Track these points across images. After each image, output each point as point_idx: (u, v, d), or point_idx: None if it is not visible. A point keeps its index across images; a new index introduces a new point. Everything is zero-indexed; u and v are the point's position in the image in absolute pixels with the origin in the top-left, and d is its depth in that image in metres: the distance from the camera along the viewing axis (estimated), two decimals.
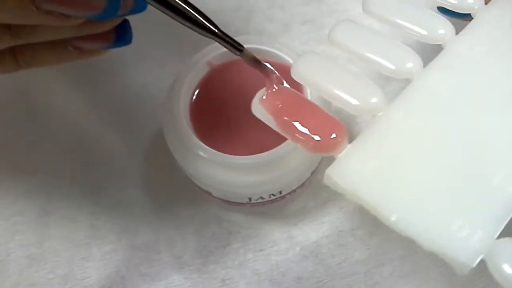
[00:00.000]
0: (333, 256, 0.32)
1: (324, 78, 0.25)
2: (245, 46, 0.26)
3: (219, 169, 0.30)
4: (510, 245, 0.21)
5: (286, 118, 0.24)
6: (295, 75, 0.26)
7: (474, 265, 0.20)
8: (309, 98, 0.30)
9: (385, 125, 0.24)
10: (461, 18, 0.28)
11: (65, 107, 0.37)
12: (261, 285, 0.32)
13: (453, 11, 0.27)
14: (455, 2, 0.27)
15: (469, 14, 0.27)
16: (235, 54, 0.26)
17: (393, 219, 0.21)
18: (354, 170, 0.22)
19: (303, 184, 0.33)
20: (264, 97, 0.26)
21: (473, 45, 0.26)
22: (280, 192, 0.32)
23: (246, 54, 0.26)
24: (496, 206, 0.22)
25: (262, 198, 0.32)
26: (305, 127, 0.24)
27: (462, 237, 0.21)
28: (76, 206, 0.34)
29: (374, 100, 0.24)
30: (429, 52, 0.26)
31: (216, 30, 0.24)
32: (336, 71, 0.25)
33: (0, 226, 0.34)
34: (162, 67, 0.38)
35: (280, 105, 0.25)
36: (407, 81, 0.25)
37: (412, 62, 0.25)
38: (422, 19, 0.27)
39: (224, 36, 0.25)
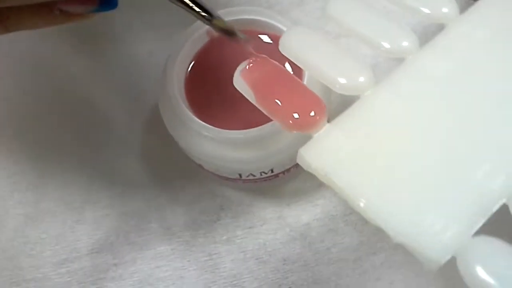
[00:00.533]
0: (322, 240, 0.31)
1: (311, 53, 0.24)
2: (234, 17, 0.26)
3: (209, 143, 0.30)
4: (487, 244, 0.19)
5: (264, 92, 0.23)
6: (282, 49, 0.25)
7: (443, 262, 0.19)
8: (305, 81, 0.29)
9: (369, 106, 0.22)
10: None
11: (68, 71, 0.37)
12: (246, 263, 0.31)
13: None
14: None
15: None
16: (206, 24, 0.25)
17: (361, 204, 0.20)
18: (328, 150, 0.21)
19: (297, 164, 0.32)
20: (246, 69, 0.25)
21: (475, 27, 0.24)
22: (272, 171, 0.31)
23: (215, 24, 0.24)
24: (476, 202, 0.20)
25: (253, 175, 0.31)
26: (284, 103, 0.23)
27: (433, 232, 0.20)
28: (73, 169, 0.35)
29: (361, 79, 0.23)
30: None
31: None
32: (324, 46, 0.24)
33: (1, 184, 0.35)
34: (168, 35, 0.37)
35: (260, 78, 0.24)
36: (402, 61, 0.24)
37: (408, 41, 0.24)
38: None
39: (189, 3, 0.24)
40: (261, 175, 0.31)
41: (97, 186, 0.34)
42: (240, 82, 0.25)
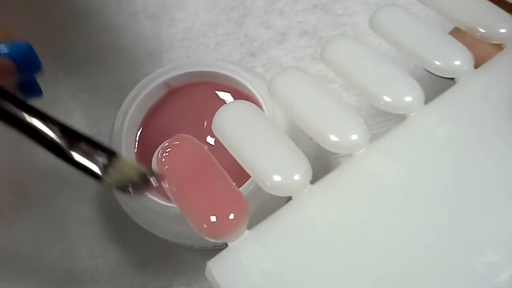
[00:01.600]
0: None
1: (300, 100, 0.21)
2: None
3: (157, 216, 0.27)
4: None
5: (179, 183, 0.20)
6: (271, 93, 0.22)
7: None
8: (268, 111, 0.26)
9: (298, 209, 0.19)
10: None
11: None
12: None
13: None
14: (440, 63, 0.21)
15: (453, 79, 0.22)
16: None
17: None
18: (240, 268, 0.18)
19: None
20: (160, 156, 0.21)
21: (490, 85, 0.20)
22: (227, 244, 0.28)
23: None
24: None
25: (205, 247, 0.28)
26: (201, 200, 0.19)
27: None
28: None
29: (354, 137, 0.20)
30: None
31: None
32: (315, 94, 0.21)
33: None
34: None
35: (176, 166, 0.21)
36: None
37: (412, 95, 0.20)
38: (437, 44, 0.22)
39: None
40: (214, 247, 0.28)
41: (47, 231, 0.32)
42: (156, 169, 0.21)
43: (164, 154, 0.21)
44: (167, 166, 0.20)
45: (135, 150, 0.29)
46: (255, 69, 0.34)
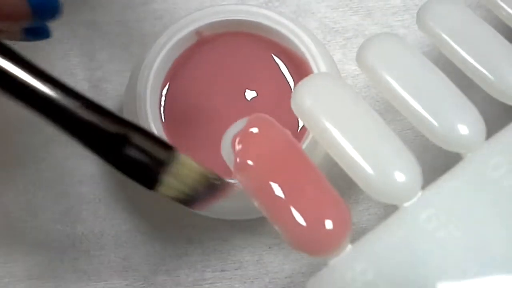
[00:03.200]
0: None
1: (338, 126, 0.18)
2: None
3: None
4: None
5: (261, 185, 0.17)
6: (294, 106, 0.18)
7: None
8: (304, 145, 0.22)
9: (409, 223, 0.17)
10: None
11: None
12: None
13: None
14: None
15: None
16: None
17: None
18: None
19: None
20: (239, 140, 0.18)
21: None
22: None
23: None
24: None
25: (224, 218, 0.26)
26: (293, 206, 0.17)
27: None
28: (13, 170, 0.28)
29: (402, 179, 0.17)
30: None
31: None
32: (359, 119, 0.18)
33: None
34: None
35: (260, 158, 0.18)
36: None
37: (472, 129, 0.18)
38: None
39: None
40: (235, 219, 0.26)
41: (42, 194, 0.28)
42: (230, 155, 0.18)
43: (243, 144, 0.17)
44: (249, 161, 0.17)
45: (162, 109, 0.25)
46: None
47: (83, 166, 0.28)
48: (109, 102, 0.29)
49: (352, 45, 0.30)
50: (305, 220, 0.16)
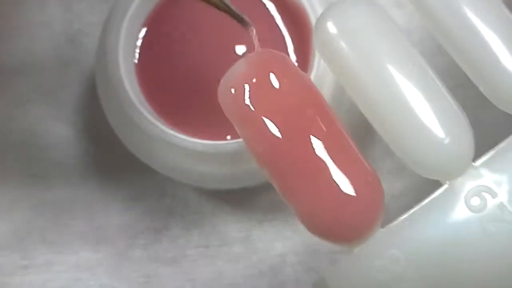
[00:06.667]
0: (297, 281, 0.24)
1: (374, 69, 0.15)
2: None
3: (164, 149, 0.21)
4: None
5: (274, 147, 0.14)
6: (317, 40, 0.15)
7: None
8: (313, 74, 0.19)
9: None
10: None
11: None
12: None
13: None
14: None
15: None
16: None
17: None
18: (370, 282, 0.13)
19: None
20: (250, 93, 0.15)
21: None
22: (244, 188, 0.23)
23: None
24: None
25: (217, 190, 0.23)
26: (314, 178, 0.14)
27: None
28: None
29: (451, 147, 0.14)
30: None
31: None
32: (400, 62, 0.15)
33: None
34: None
35: (274, 110, 0.14)
36: None
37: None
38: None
39: None
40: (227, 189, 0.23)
41: (9, 158, 0.25)
42: (229, 104, 0.15)
43: (256, 93, 0.14)
44: (263, 115, 0.14)
45: (135, 60, 0.22)
46: None
47: (56, 129, 0.26)
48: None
49: None
50: (333, 195, 0.13)
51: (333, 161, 0.13)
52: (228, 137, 0.22)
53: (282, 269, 0.24)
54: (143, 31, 0.23)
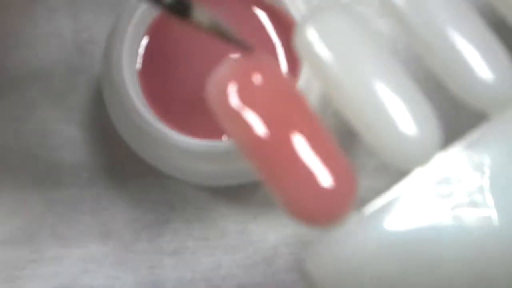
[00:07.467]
0: (289, 270, 0.26)
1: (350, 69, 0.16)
2: None
3: (166, 150, 0.23)
4: None
5: (259, 139, 0.16)
6: (298, 44, 0.17)
7: None
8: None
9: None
10: None
11: None
12: (194, 285, 0.26)
13: None
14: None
15: None
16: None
17: None
18: (347, 264, 0.14)
19: None
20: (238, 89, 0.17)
21: None
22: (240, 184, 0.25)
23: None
24: None
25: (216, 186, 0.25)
26: (295, 163, 0.15)
27: None
28: None
29: (418, 135, 0.16)
30: None
31: None
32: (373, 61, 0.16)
33: None
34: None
35: (257, 103, 0.16)
36: None
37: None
38: None
39: None
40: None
41: (19, 158, 0.27)
42: (218, 98, 0.17)
43: (239, 92, 0.16)
44: (245, 112, 0.16)
45: (139, 67, 0.24)
46: None
47: (65, 130, 0.28)
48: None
49: None
50: (311, 185, 0.15)
51: (313, 154, 0.15)
52: (224, 137, 0.23)
53: (274, 259, 0.26)
54: (146, 40, 0.24)
